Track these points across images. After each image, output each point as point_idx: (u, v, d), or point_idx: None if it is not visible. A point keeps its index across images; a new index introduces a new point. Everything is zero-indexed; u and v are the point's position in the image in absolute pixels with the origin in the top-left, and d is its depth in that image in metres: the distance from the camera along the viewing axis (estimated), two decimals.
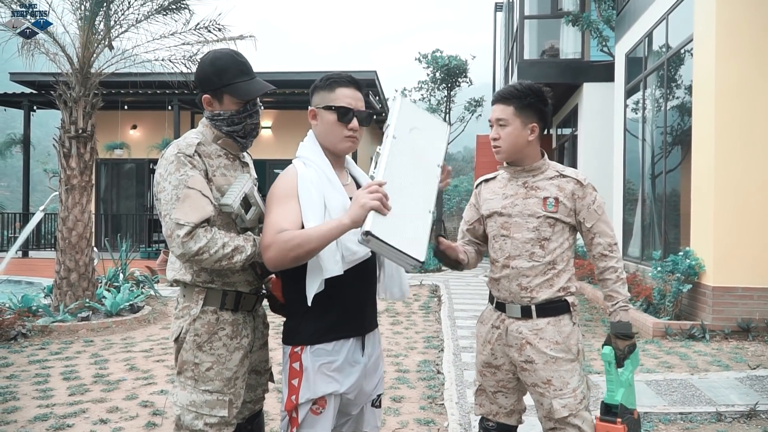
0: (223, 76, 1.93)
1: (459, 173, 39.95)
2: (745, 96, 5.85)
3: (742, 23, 5.88)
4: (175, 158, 1.86)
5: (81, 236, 6.95)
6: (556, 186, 2.17)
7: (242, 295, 1.97)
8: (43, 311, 6.54)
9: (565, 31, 11.74)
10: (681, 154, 7.15)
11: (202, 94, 1.97)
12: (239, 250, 1.85)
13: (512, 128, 2.16)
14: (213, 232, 1.82)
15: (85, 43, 7.06)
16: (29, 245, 13.28)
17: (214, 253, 1.80)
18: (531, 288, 2.14)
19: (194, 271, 1.92)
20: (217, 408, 1.90)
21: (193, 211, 1.79)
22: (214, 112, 1.96)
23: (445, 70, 19.80)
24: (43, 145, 22.30)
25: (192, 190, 1.81)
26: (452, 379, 4.45)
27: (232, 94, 1.94)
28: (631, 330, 2.13)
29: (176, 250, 1.80)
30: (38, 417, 3.66)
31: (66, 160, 6.98)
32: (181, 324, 1.94)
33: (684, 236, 6.68)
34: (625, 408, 2.06)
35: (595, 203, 2.17)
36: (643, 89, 8.45)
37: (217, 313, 1.93)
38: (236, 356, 1.94)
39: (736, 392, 4.07)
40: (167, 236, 1.82)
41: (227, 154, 2.00)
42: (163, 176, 1.86)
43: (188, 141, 1.92)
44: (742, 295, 5.75)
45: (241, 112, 1.96)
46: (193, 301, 1.93)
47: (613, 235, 2.19)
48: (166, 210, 1.82)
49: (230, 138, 1.99)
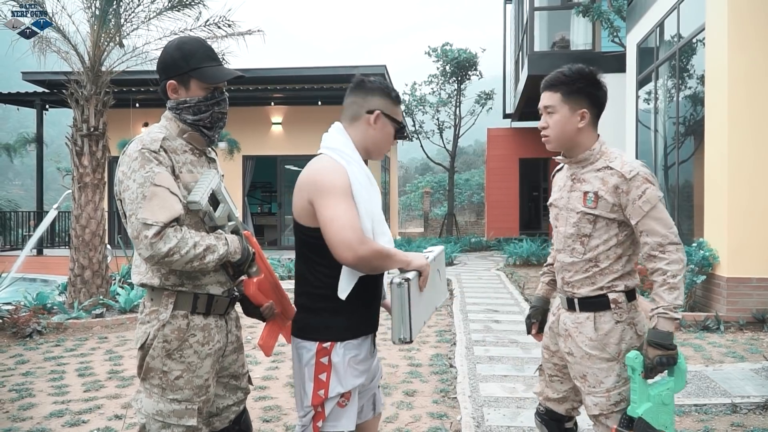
0: (190, 60, 1.84)
1: (470, 167, 39.81)
2: (759, 85, 5.77)
3: (754, 12, 5.79)
4: (140, 154, 1.75)
5: (94, 234, 7.02)
6: (600, 179, 2.01)
7: (214, 297, 1.87)
8: (58, 308, 6.62)
9: (576, 22, 11.64)
10: (694, 145, 7.08)
11: (167, 80, 1.86)
12: (211, 249, 1.77)
13: (560, 115, 2.04)
14: (183, 231, 1.73)
15: (95, 42, 7.11)
16: (43, 243, 13.42)
17: (186, 253, 1.71)
18: (572, 283, 2.09)
19: (162, 273, 1.81)
20: (185, 417, 1.82)
21: (161, 210, 1.68)
22: (179, 99, 1.86)
23: (455, 64, 19.69)
24: (56, 144, 22.53)
25: (159, 187, 1.71)
26: (465, 373, 4.45)
27: (200, 79, 1.85)
28: (668, 340, 1.88)
29: (144, 252, 1.69)
30: (54, 413, 3.71)
31: (78, 158, 7.04)
32: (147, 330, 1.82)
33: (698, 227, 6.61)
34: (647, 425, 1.86)
35: (641, 198, 1.93)
36: (655, 80, 8.36)
37: (188, 317, 1.83)
38: (207, 363, 1.86)
39: (751, 384, 4.03)
40: (133, 238, 1.70)
41: (193, 149, 1.90)
42: (127, 174, 1.75)
43: (152, 136, 1.81)
44: (756, 286, 5.69)
45: (209, 98, 1.87)
46: (162, 305, 1.82)
47: (666, 233, 1.92)
48: (131, 210, 1.71)
49: (196, 130, 1.88)
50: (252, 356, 5.02)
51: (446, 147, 21.31)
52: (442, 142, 21.43)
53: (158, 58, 1.90)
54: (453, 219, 19.81)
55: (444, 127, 21.23)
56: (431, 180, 30.98)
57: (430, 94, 21.09)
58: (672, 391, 1.92)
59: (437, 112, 20.99)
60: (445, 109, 20.89)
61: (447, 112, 20.97)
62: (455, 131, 20.74)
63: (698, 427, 3.35)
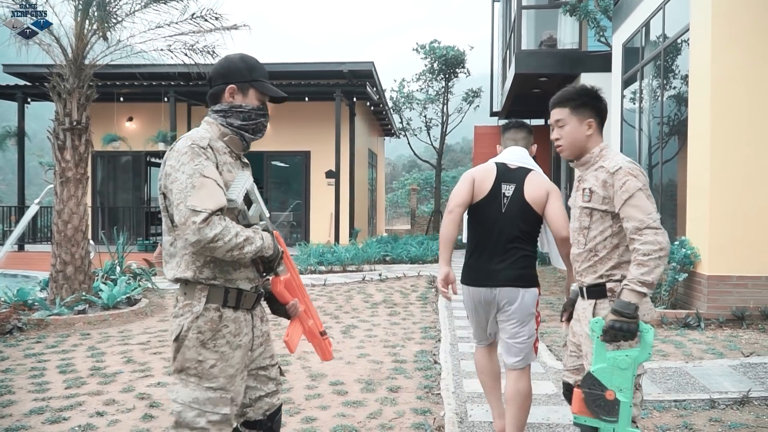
0: (253, 72, 2.05)
1: (457, 164, 39.90)
2: (742, 86, 5.84)
3: (738, 12, 5.86)
4: (189, 149, 1.89)
5: (77, 229, 6.93)
6: (594, 177, 2.30)
7: (243, 292, 1.98)
8: (39, 305, 6.53)
9: (563, 21, 11.69)
10: (678, 145, 7.15)
11: (226, 84, 2.02)
12: (249, 240, 1.89)
13: (570, 126, 2.35)
14: (227, 221, 1.85)
15: (79, 34, 7.01)
16: (25, 239, 13.25)
17: (228, 241, 1.82)
18: (580, 272, 2.36)
19: (197, 267, 1.92)
20: (220, 405, 1.92)
21: (209, 198, 1.81)
22: (233, 103, 2.02)
23: (443, 61, 19.73)
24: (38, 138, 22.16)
25: (208, 179, 1.84)
26: (449, 369, 4.47)
27: (261, 90, 2.06)
28: (628, 309, 2.06)
29: (191, 236, 1.79)
30: (34, 410, 3.66)
31: (60, 152, 6.95)
32: (181, 322, 1.93)
33: (680, 226, 6.69)
34: (595, 380, 2.06)
35: (622, 188, 2.17)
36: (640, 79, 8.43)
37: (220, 310, 1.93)
38: (238, 354, 1.97)
39: (729, 380, 4.10)
40: (180, 224, 1.81)
41: (231, 152, 2.04)
42: (175, 167, 1.87)
43: (200, 134, 1.96)
44: (736, 284, 5.77)
45: (260, 109, 2.06)
46: (195, 298, 1.93)
47: (643, 218, 2.12)
48: (179, 198, 1.82)
49: (237, 134, 2.03)
50: None
51: (433, 144, 21.35)
52: (430, 139, 21.47)
53: (217, 65, 2.08)
54: (440, 216, 19.85)
55: (431, 125, 21.27)
56: (418, 177, 31.04)
57: (418, 91, 21.11)
58: (631, 359, 2.06)
59: (425, 109, 21.03)
60: (433, 106, 20.94)
61: (434, 109, 21.01)
62: (442, 128, 20.79)
63: (677, 423, 3.40)
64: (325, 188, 14.30)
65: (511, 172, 2.94)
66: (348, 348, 5.13)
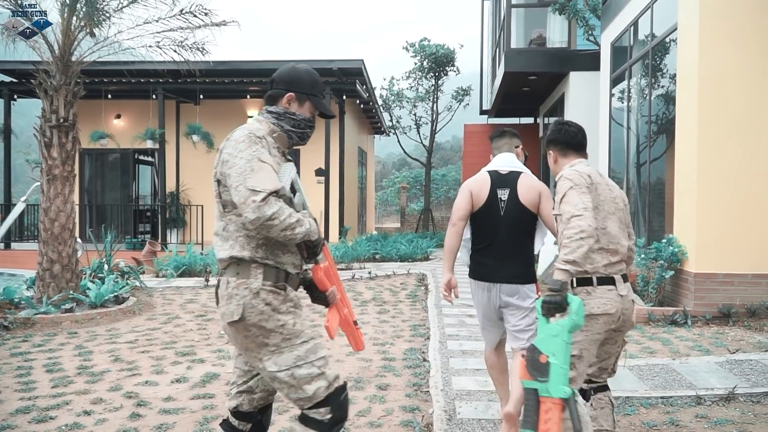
0: (314, 87, 2.26)
1: (447, 162, 39.97)
2: (729, 85, 5.90)
3: (725, 12, 5.91)
4: (247, 137, 2.06)
5: (64, 227, 6.87)
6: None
7: (290, 275, 2.14)
8: (26, 303, 6.47)
9: (552, 20, 11.74)
10: (665, 143, 7.21)
11: (287, 91, 2.21)
12: (300, 222, 2.02)
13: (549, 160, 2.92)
14: (281, 202, 1.99)
15: (66, 30, 6.94)
16: (11, 237, 13.10)
17: (283, 220, 1.96)
18: None
19: (252, 247, 2.06)
20: (318, 351, 2.10)
21: (268, 180, 1.97)
22: (289, 110, 2.21)
23: (433, 59, 19.72)
24: (25, 135, 21.91)
25: (265, 164, 2.01)
26: (438, 367, 4.48)
27: (317, 105, 2.26)
28: (555, 285, 2.33)
29: (251, 214, 1.93)
30: (20, 409, 3.63)
31: (47, 149, 6.88)
32: (240, 301, 2.04)
33: (668, 224, 6.75)
34: (534, 348, 2.33)
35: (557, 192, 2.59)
36: (628, 78, 8.48)
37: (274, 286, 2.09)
38: (303, 311, 2.16)
39: (715, 376, 4.14)
40: (240, 203, 1.95)
41: (278, 147, 2.20)
42: (233, 154, 2.03)
43: (256, 126, 2.15)
44: (722, 282, 5.83)
45: (310, 120, 2.26)
46: (251, 276, 2.06)
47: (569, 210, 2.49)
48: (238, 181, 1.97)
49: (285, 132, 2.21)
50: (225, 351, 4.98)
51: (423, 142, 21.36)
52: (420, 137, 21.47)
53: (283, 70, 2.26)
54: (429, 214, 19.89)
55: (421, 123, 21.27)
56: (408, 175, 31.04)
57: (408, 89, 21.10)
58: (563, 327, 2.29)
59: (414, 107, 21.01)
60: (423, 104, 20.93)
61: (424, 107, 21.01)
62: (432, 127, 20.79)
63: (664, 419, 3.43)
64: (314, 186, 14.27)
65: (503, 177, 3.19)
66: (337, 346, 5.13)
